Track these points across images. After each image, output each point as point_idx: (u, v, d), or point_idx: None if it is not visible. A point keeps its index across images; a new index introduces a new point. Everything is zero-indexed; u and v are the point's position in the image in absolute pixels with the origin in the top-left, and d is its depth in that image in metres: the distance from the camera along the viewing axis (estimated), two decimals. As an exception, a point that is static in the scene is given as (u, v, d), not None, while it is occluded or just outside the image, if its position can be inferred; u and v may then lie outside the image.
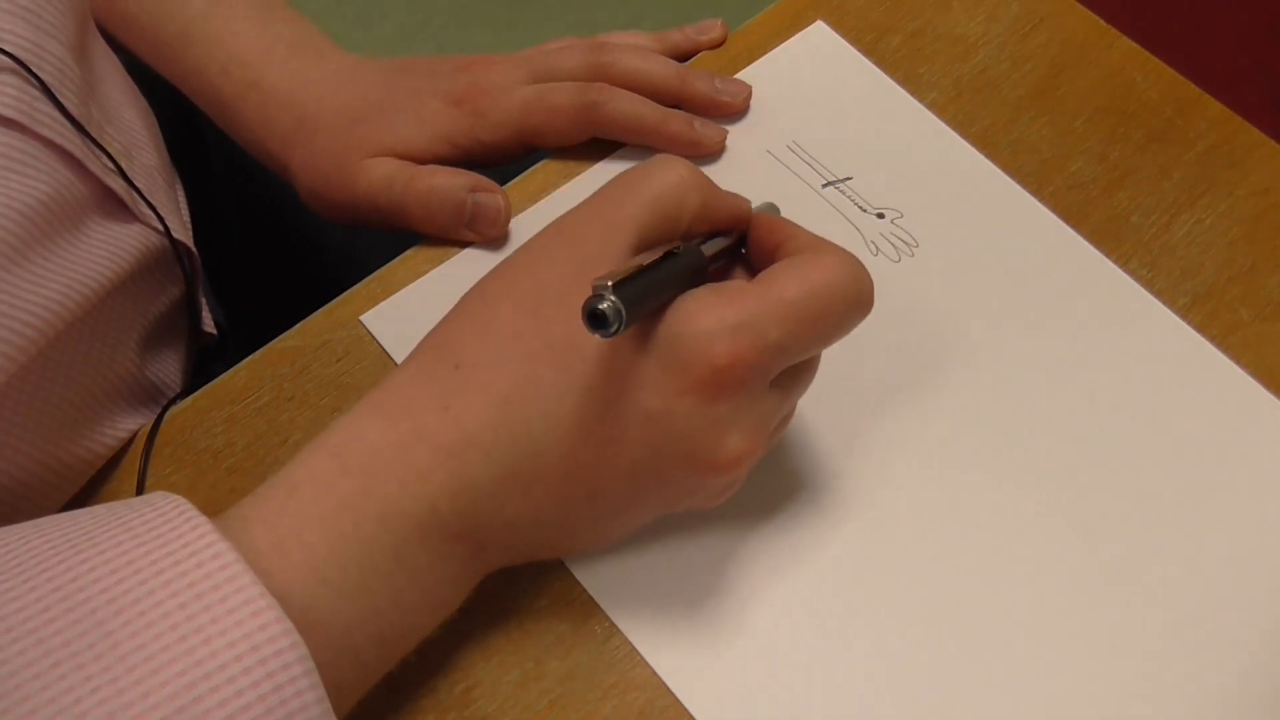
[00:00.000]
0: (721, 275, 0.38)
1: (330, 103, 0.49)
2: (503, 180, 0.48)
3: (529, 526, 0.34)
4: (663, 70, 0.48)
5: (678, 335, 0.32)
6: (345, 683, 0.32)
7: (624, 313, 0.28)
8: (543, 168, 0.49)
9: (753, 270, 0.38)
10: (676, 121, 0.47)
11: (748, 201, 0.38)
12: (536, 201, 0.47)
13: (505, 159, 0.49)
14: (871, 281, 0.34)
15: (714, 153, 0.48)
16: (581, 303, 0.29)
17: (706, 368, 0.32)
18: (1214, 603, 0.39)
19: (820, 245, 0.35)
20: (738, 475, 0.35)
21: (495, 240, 0.46)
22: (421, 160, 0.48)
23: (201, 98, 0.51)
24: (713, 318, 0.32)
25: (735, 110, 0.49)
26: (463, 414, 0.32)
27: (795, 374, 0.35)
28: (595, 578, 0.39)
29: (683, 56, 0.52)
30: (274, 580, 0.29)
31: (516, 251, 0.35)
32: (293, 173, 0.50)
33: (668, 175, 0.35)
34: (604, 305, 0.28)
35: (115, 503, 0.31)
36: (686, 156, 0.43)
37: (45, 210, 0.38)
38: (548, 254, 0.34)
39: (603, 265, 0.33)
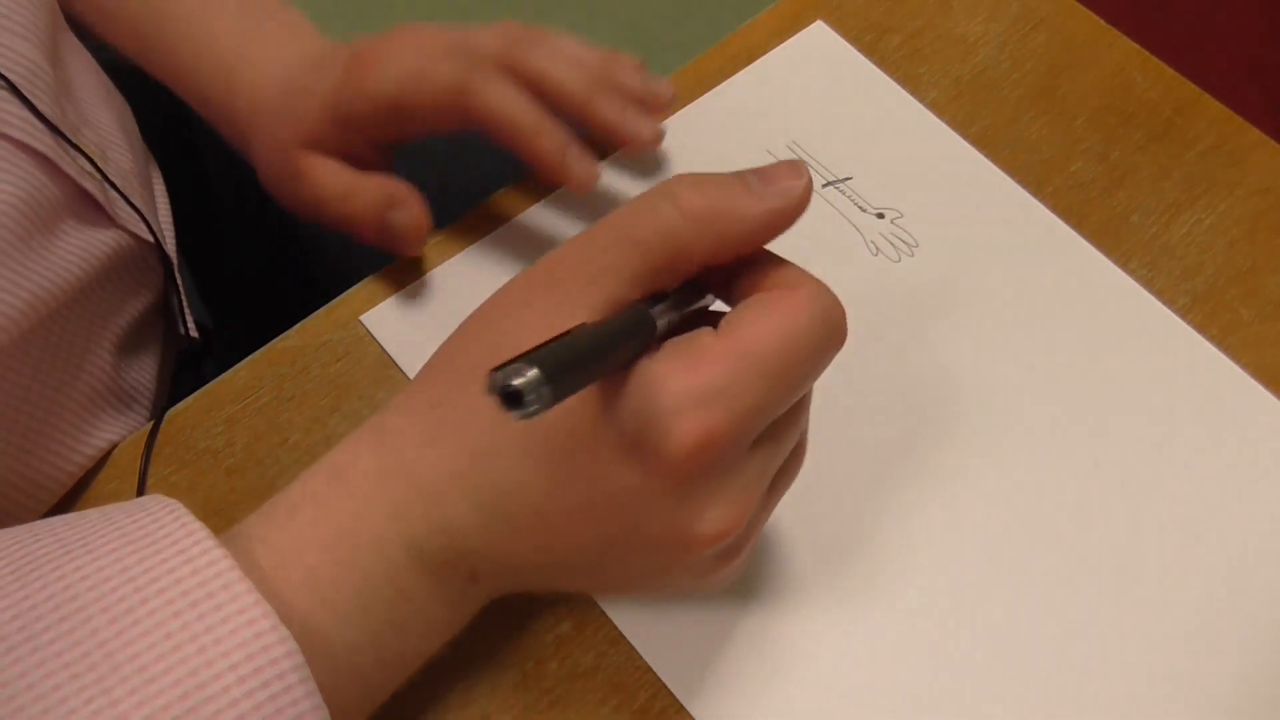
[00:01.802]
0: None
1: (277, 89, 0.46)
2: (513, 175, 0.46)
3: (524, 569, 0.33)
4: (572, 81, 0.42)
5: (638, 412, 0.28)
6: (351, 705, 0.32)
7: (547, 393, 0.24)
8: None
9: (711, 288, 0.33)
10: (549, 139, 0.41)
11: (790, 200, 0.31)
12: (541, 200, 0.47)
13: (379, 139, 0.44)
14: (844, 310, 0.31)
15: (580, 189, 0.42)
16: None
17: (675, 449, 0.28)
18: (1213, 603, 0.39)
19: (788, 277, 0.31)
20: (730, 547, 0.32)
21: (414, 255, 0.44)
22: (324, 144, 0.44)
23: (177, 84, 0.49)
24: (677, 389, 0.28)
25: (638, 146, 0.43)
26: (441, 455, 0.31)
27: (781, 425, 0.31)
28: (595, 578, 0.39)
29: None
30: (277, 601, 0.29)
31: (505, 289, 0.32)
32: (254, 164, 0.48)
33: (663, 215, 0.30)
34: (517, 381, 0.23)
35: (109, 506, 0.30)
36: (553, 182, 0.40)
37: (17, 213, 0.37)
38: (525, 299, 0.31)
39: (575, 319, 0.29)
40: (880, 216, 0.47)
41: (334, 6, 1.53)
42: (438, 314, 0.45)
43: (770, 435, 0.31)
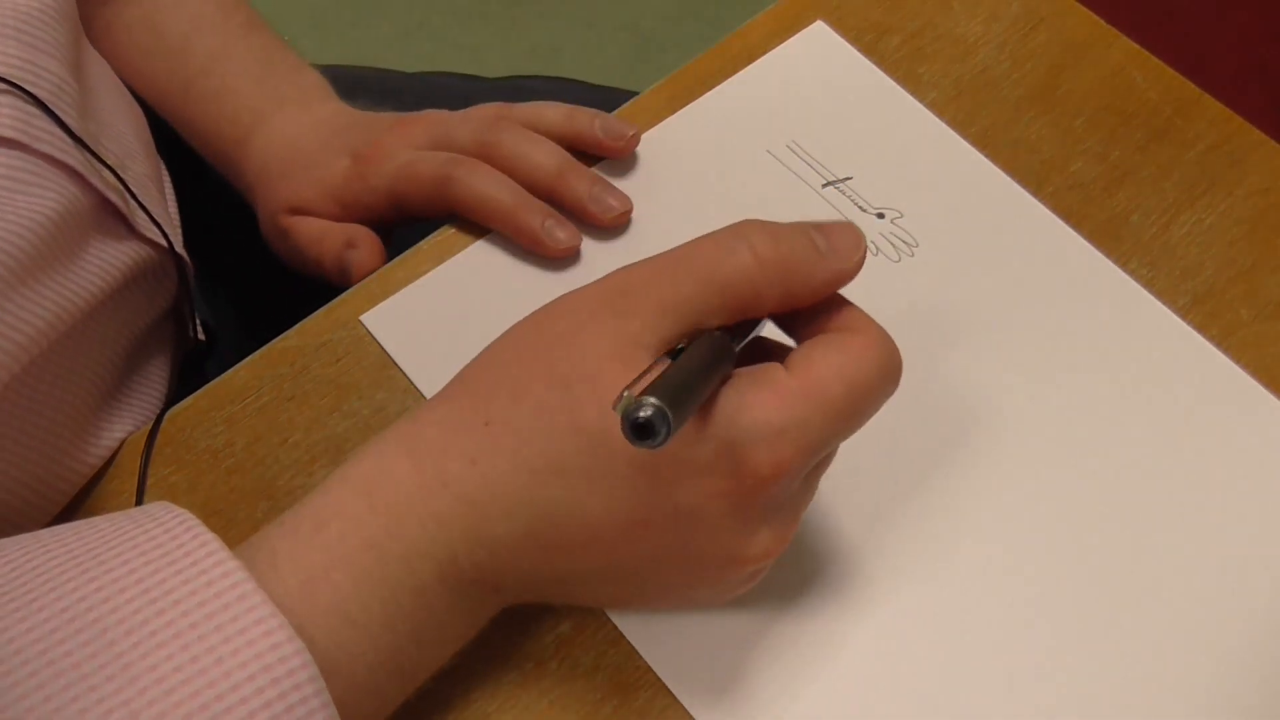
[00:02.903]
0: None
1: (283, 158, 0.50)
2: None
3: (547, 581, 0.33)
4: (544, 161, 0.46)
5: (714, 438, 0.30)
6: (370, 717, 0.32)
7: (670, 419, 0.25)
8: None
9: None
10: (528, 213, 0.45)
11: (851, 263, 0.33)
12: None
13: (386, 221, 0.49)
14: (900, 357, 0.32)
15: (554, 256, 0.45)
16: (612, 386, 0.28)
17: (749, 474, 0.30)
18: (1213, 603, 0.39)
19: (853, 320, 0.33)
20: (763, 568, 0.34)
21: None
22: (323, 216, 0.49)
23: (194, 139, 0.54)
24: (757, 420, 0.30)
25: (602, 223, 0.46)
26: (490, 471, 0.31)
27: (827, 457, 0.34)
28: (595, 578, 0.39)
29: (586, 146, 0.48)
30: (301, 620, 0.29)
31: (560, 308, 0.33)
32: (257, 216, 0.53)
33: (742, 261, 0.31)
34: (645, 413, 0.25)
35: (116, 514, 0.30)
36: (532, 250, 0.44)
37: (53, 227, 0.38)
38: (592, 323, 0.32)
39: (644, 351, 0.31)
40: (880, 216, 0.47)
41: (335, 7, 1.53)
42: (438, 314, 0.45)
43: (818, 466, 0.34)
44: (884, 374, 0.32)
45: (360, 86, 0.59)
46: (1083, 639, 0.38)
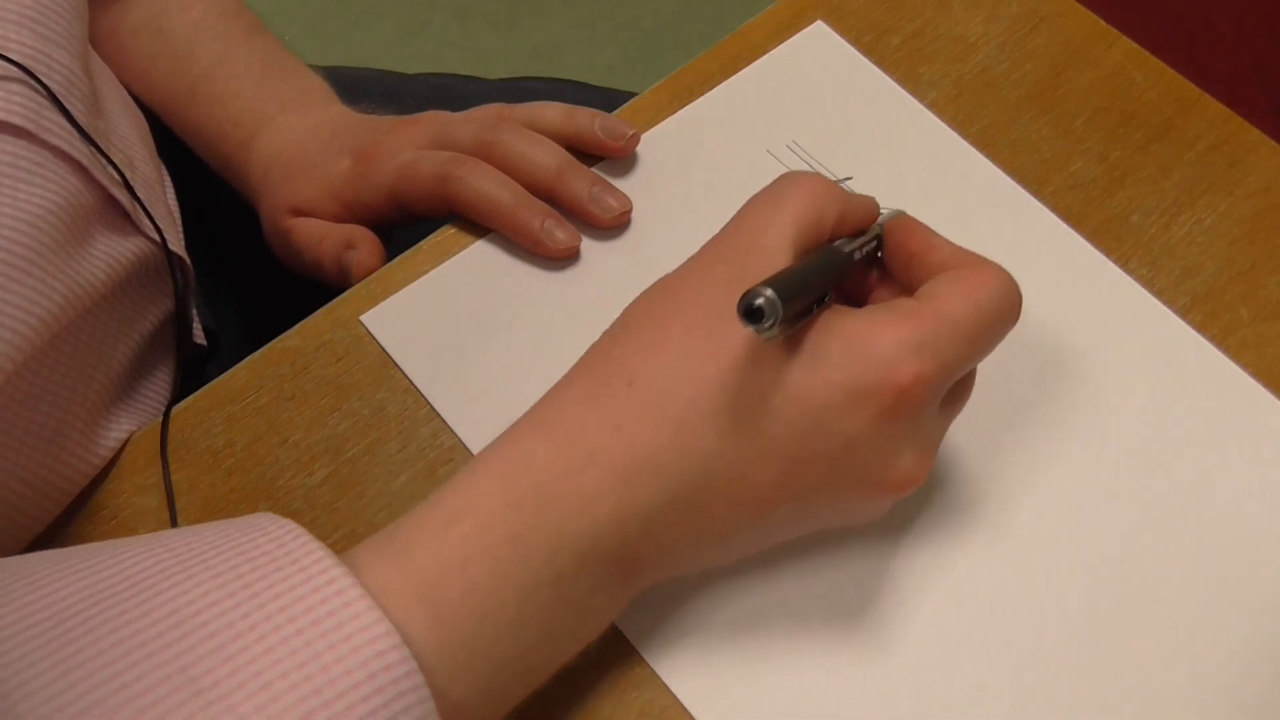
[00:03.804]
0: (861, 279, 0.38)
1: (286, 160, 0.51)
2: None
3: (688, 548, 0.34)
4: (544, 161, 0.46)
5: (859, 356, 0.32)
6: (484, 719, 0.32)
7: (780, 307, 0.29)
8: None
9: (892, 275, 0.38)
10: (527, 213, 0.45)
11: (875, 200, 0.39)
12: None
13: (387, 221, 0.49)
14: (1020, 290, 0.35)
15: (554, 257, 0.45)
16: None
17: (891, 388, 0.32)
18: (1213, 603, 0.39)
19: (972, 259, 0.35)
20: (903, 496, 0.35)
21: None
22: (325, 217, 0.50)
23: (197, 144, 0.54)
24: (892, 338, 0.32)
25: (602, 223, 0.46)
26: (636, 434, 0.32)
27: (956, 391, 0.36)
28: (595, 578, 0.39)
29: (586, 146, 0.48)
30: (435, 614, 0.29)
31: (673, 274, 0.35)
32: (260, 218, 0.53)
33: (802, 192, 0.35)
34: (759, 300, 0.29)
35: (222, 523, 0.30)
36: (531, 250, 0.45)
37: (55, 219, 0.38)
38: (711, 275, 0.34)
39: (771, 268, 0.33)
40: (880, 216, 0.47)
41: (337, 8, 1.53)
42: (438, 314, 0.45)
43: (950, 398, 0.36)
44: (1004, 301, 0.34)
45: (361, 87, 0.59)
46: (1081, 639, 0.38)
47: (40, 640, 0.26)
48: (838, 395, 0.32)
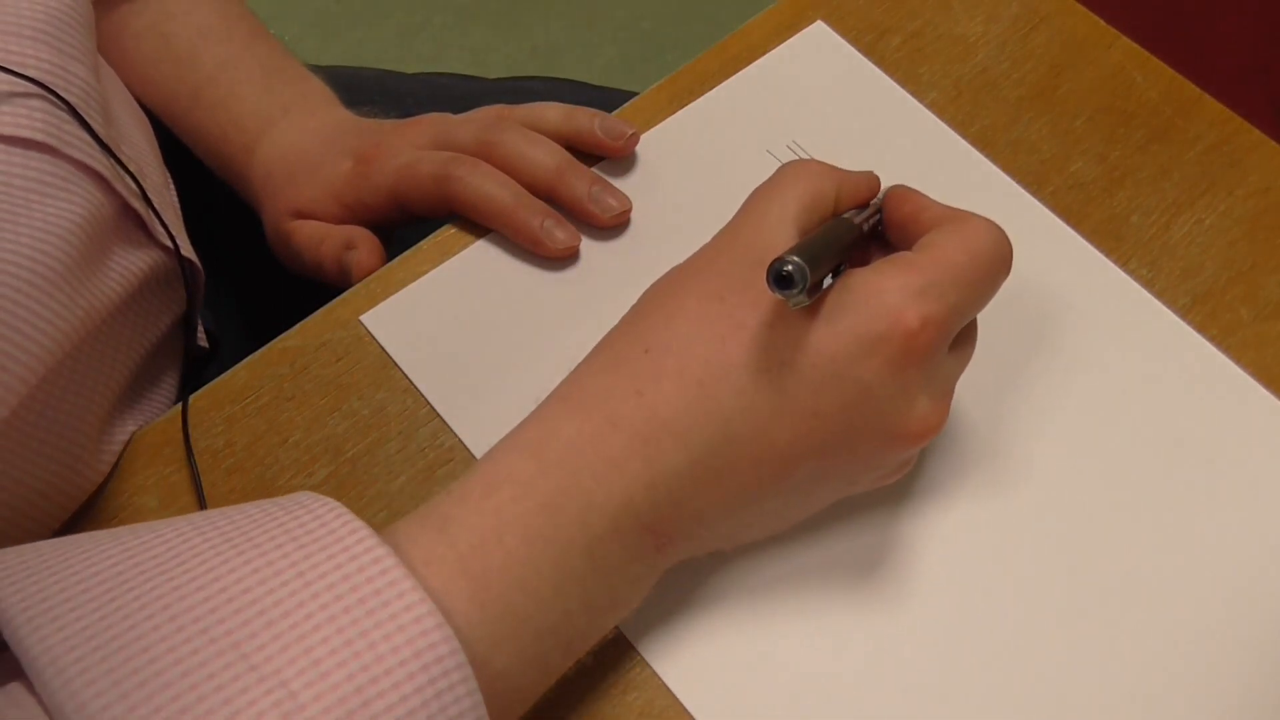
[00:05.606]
0: (865, 254, 0.40)
1: (288, 163, 0.51)
2: None
3: (717, 515, 0.34)
4: (544, 161, 0.46)
5: (866, 304, 0.33)
6: (527, 689, 0.33)
7: (807, 271, 0.30)
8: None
9: (892, 246, 0.39)
10: (527, 212, 0.45)
11: (874, 174, 0.40)
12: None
13: (388, 222, 0.49)
14: (1010, 243, 0.36)
15: (553, 257, 0.45)
16: (764, 286, 0.31)
17: (901, 332, 0.33)
18: (1214, 603, 0.39)
19: (962, 213, 0.37)
20: (922, 445, 0.36)
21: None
22: (326, 219, 0.50)
23: (200, 148, 0.54)
24: (897, 285, 0.33)
25: (602, 223, 0.46)
26: (656, 399, 0.33)
27: (962, 338, 0.37)
28: (595, 578, 0.39)
29: (585, 146, 0.48)
30: (476, 586, 0.30)
31: (684, 262, 0.36)
32: (262, 222, 0.53)
33: (799, 174, 0.37)
34: (788, 267, 0.30)
35: (265, 502, 0.31)
36: (531, 250, 0.45)
37: (80, 232, 0.38)
38: (724, 253, 0.36)
39: (784, 244, 0.35)
40: (880, 216, 0.47)
41: (337, 8, 1.53)
42: (438, 314, 0.45)
43: (958, 343, 0.37)
44: (997, 248, 0.36)
45: (361, 87, 0.59)
46: (1081, 639, 0.38)
47: (95, 613, 0.27)
48: (850, 345, 0.33)
